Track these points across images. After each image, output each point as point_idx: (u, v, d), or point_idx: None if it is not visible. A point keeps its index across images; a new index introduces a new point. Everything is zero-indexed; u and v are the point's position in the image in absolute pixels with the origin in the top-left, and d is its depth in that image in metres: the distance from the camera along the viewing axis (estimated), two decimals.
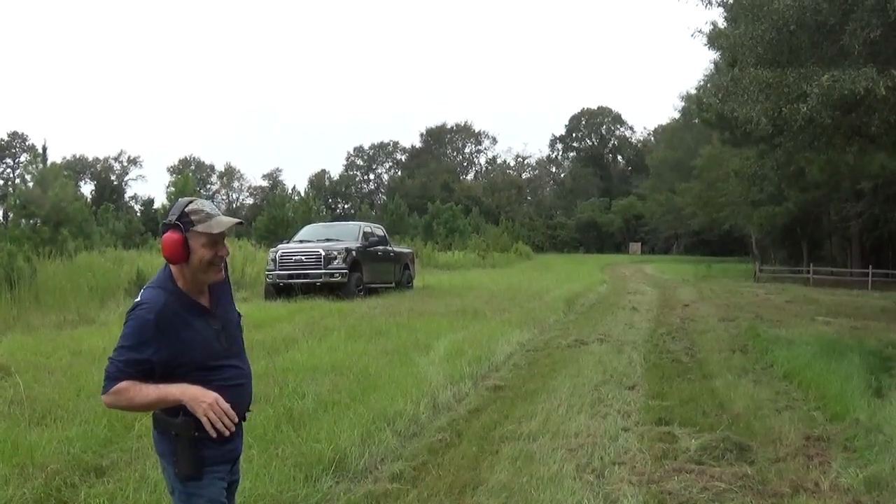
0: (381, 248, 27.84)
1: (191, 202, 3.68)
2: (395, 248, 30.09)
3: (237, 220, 3.86)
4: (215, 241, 3.66)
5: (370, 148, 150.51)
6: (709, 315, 21.73)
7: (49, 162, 37.29)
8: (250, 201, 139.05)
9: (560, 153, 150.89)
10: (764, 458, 7.30)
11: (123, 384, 3.48)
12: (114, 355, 3.54)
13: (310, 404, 8.91)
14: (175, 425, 3.57)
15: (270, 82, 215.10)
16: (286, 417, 8.22)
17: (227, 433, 3.52)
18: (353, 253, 24.86)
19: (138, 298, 3.61)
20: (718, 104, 19.40)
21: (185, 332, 3.58)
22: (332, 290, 23.74)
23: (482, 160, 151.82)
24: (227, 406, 3.52)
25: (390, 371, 11.13)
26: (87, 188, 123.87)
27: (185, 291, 3.67)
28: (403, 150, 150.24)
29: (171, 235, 3.59)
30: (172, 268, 3.67)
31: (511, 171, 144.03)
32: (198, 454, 3.61)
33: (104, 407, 4.07)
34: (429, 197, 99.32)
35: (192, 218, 3.62)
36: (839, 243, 57.17)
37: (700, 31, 28.63)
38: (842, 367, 11.31)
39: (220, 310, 3.87)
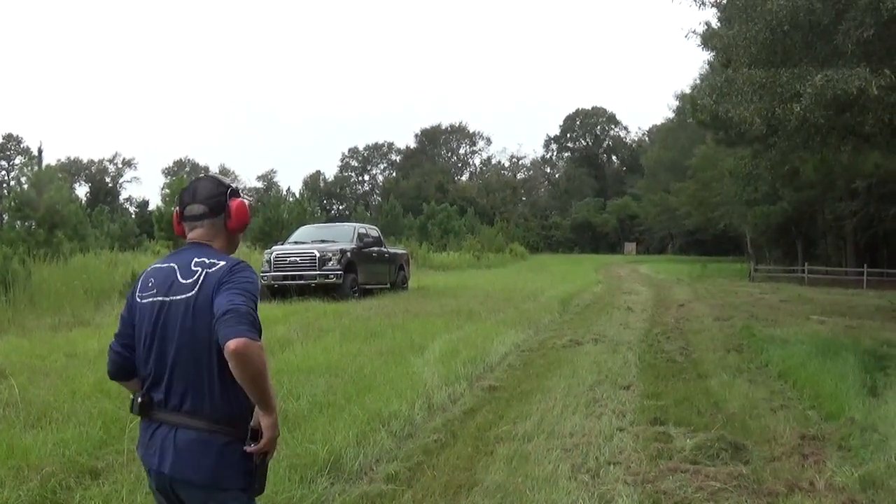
0: (375, 249, 27.84)
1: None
2: (389, 250, 30.08)
3: None
4: None
5: (365, 149, 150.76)
6: (704, 315, 21.74)
7: (44, 164, 37.29)
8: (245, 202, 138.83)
9: (554, 153, 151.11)
10: (759, 458, 7.31)
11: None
12: (248, 304, 3.24)
13: (305, 405, 8.91)
14: (243, 437, 3.39)
15: (265, 84, 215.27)
16: (281, 419, 8.08)
17: None
18: (348, 254, 24.85)
19: (219, 262, 3.41)
20: (713, 105, 19.41)
21: None
22: (327, 291, 23.73)
23: (477, 161, 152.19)
24: None
25: (385, 372, 11.13)
26: (82, 190, 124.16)
27: None
28: (398, 151, 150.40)
29: (242, 201, 3.60)
30: (213, 245, 3.56)
31: (506, 172, 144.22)
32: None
33: (99, 409, 3.86)
34: (424, 198, 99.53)
35: (238, 189, 3.65)
36: (834, 242, 57.22)
37: (694, 32, 28.89)
38: (837, 367, 11.33)
39: None
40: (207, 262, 3.41)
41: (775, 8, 16.24)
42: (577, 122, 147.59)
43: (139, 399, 3.41)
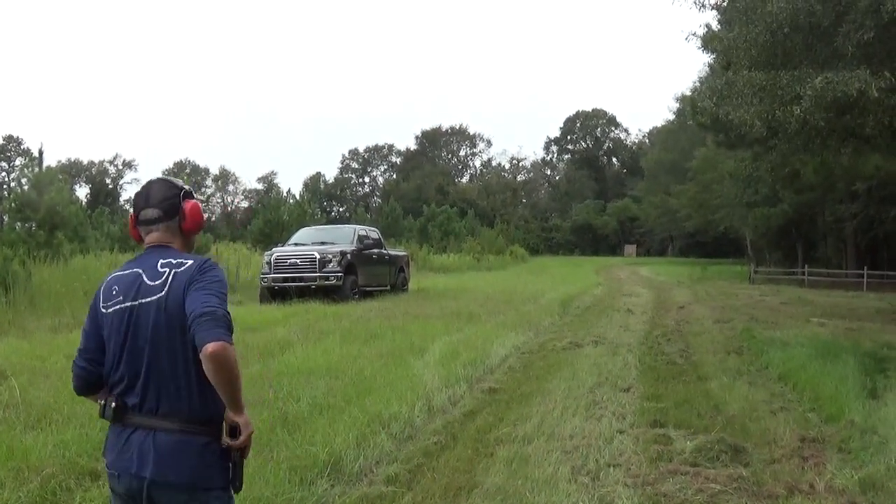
0: (376, 251, 27.83)
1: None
2: (390, 251, 30.10)
3: None
4: None
5: (365, 151, 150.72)
6: (704, 317, 21.75)
7: (44, 165, 37.24)
8: (245, 204, 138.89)
9: (555, 155, 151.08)
10: (759, 460, 7.31)
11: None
12: (222, 305, 3.28)
13: (305, 407, 8.90)
14: (219, 436, 3.40)
15: (265, 85, 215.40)
16: (281, 421, 8.22)
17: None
18: (348, 256, 24.86)
19: (187, 261, 3.44)
20: (713, 107, 19.42)
21: None
22: (327, 293, 23.72)
23: (477, 163, 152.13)
24: None
25: (385, 374, 11.13)
26: (83, 192, 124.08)
27: None
28: (398, 153, 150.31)
29: (196, 203, 3.61)
30: (175, 246, 3.58)
31: (506, 174, 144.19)
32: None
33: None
34: (424, 200, 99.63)
35: (191, 190, 3.67)
36: (834, 244, 57.22)
37: (694, 34, 28.91)
38: (837, 369, 11.32)
39: None
40: (174, 261, 3.42)
41: (775, 10, 16.24)
42: (578, 124, 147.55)
43: (112, 404, 3.38)
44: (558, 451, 7.62)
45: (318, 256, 24.21)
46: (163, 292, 3.33)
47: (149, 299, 3.35)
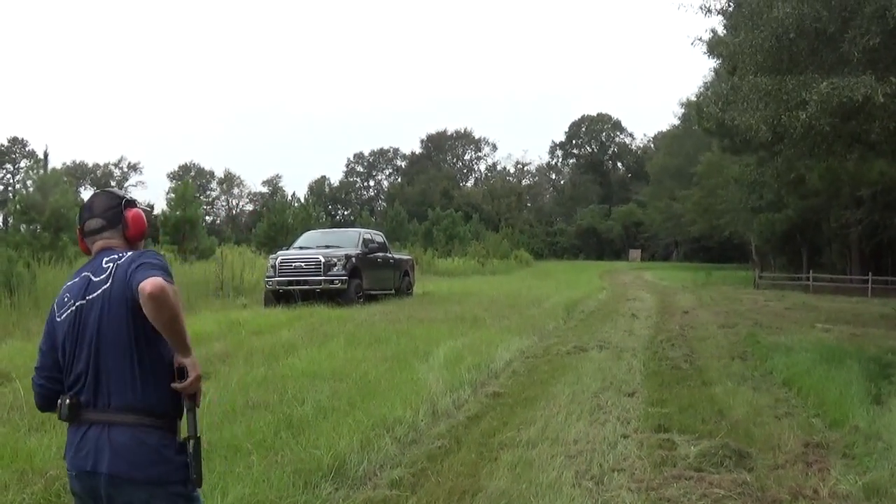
0: (380, 254, 27.82)
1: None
2: (394, 255, 30.08)
3: None
4: None
5: (370, 154, 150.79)
6: (708, 322, 21.73)
7: (49, 168, 37.38)
8: (250, 207, 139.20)
9: (560, 160, 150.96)
10: (763, 465, 7.31)
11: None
12: (161, 268, 3.35)
13: (309, 411, 8.91)
14: (176, 428, 3.45)
15: (270, 88, 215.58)
16: (286, 424, 8.23)
17: None
18: (353, 259, 24.85)
19: (130, 252, 3.55)
20: (718, 112, 19.40)
21: None
22: (332, 296, 23.72)
23: (482, 167, 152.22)
24: None
25: (390, 378, 11.13)
26: (88, 194, 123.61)
27: None
28: (403, 157, 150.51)
29: (137, 211, 3.68)
30: (121, 249, 3.63)
31: (511, 178, 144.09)
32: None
33: None
34: (428, 203, 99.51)
35: (134, 200, 3.76)
36: (839, 250, 57.14)
37: (700, 39, 28.75)
38: (841, 374, 11.32)
39: None
40: (117, 255, 3.51)
41: (781, 15, 16.24)
42: (583, 129, 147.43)
43: (67, 402, 3.40)
44: (562, 455, 7.62)
45: (322, 260, 24.20)
46: (107, 284, 3.40)
47: (95, 294, 3.42)
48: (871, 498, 6.44)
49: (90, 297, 3.43)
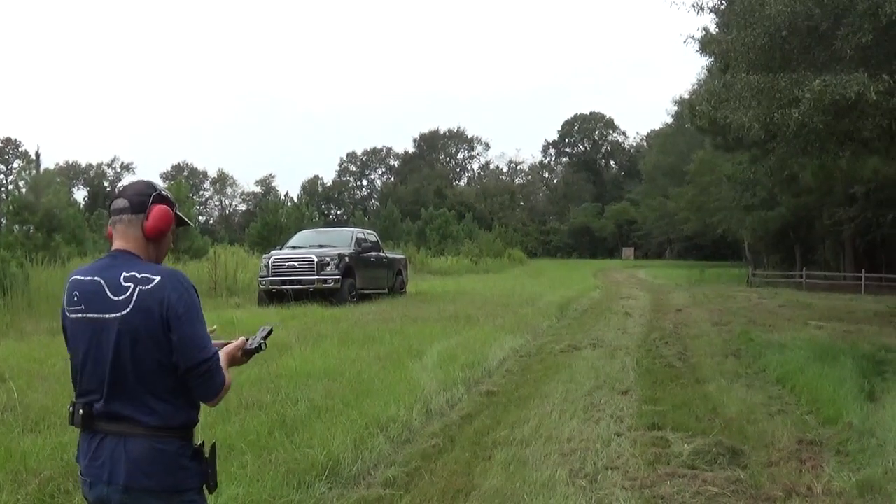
0: (373, 254, 27.86)
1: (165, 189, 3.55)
2: (388, 254, 30.12)
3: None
4: (177, 227, 3.58)
5: (363, 154, 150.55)
6: (702, 320, 21.75)
7: (42, 168, 37.39)
8: (243, 207, 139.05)
9: (553, 158, 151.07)
10: (757, 463, 7.32)
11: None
12: (205, 351, 3.26)
13: (303, 410, 8.91)
14: (192, 436, 3.38)
15: (263, 88, 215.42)
16: (279, 423, 8.23)
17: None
18: (346, 259, 24.86)
19: (155, 278, 3.27)
20: (711, 110, 19.43)
21: None
22: (325, 296, 23.73)
23: (475, 166, 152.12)
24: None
25: (383, 377, 11.13)
26: (81, 194, 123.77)
27: None
28: (396, 156, 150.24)
29: (165, 208, 3.42)
30: (137, 252, 3.40)
31: (504, 177, 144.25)
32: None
33: None
34: (422, 203, 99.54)
35: (174, 200, 3.54)
36: (832, 247, 57.16)
37: (692, 37, 28.83)
38: (835, 372, 11.34)
39: None
40: (139, 276, 3.28)
41: (774, 13, 16.25)
42: (576, 127, 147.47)
43: (80, 411, 3.31)
44: (556, 453, 7.63)
45: (316, 259, 24.21)
46: (127, 310, 3.23)
47: (112, 315, 3.25)
48: (864, 494, 6.45)
49: (106, 315, 3.26)
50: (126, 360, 3.23)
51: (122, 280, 3.27)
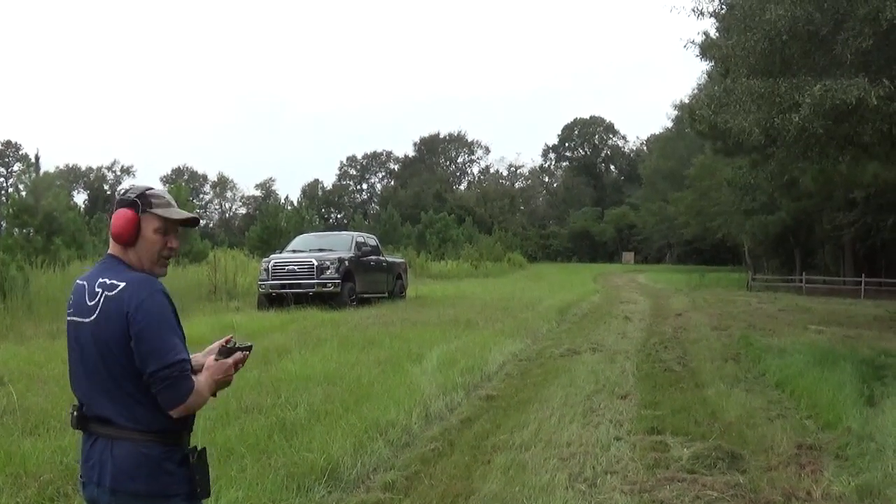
0: (373, 258, 27.87)
1: (151, 188, 3.48)
2: (387, 258, 30.14)
3: (194, 215, 3.54)
4: (168, 229, 3.43)
5: (363, 157, 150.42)
6: (701, 324, 21.73)
7: (42, 171, 37.34)
8: (243, 211, 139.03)
9: (553, 163, 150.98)
10: (756, 467, 7.32)
11: (195, 381, 3.25)
12: (164, 359, 3.17)
13: (302, 414, 8.91)
14: (182, 442, 3.37)
15: (264, 92, 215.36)
16: (279, 427, 8.23)
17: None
18: (346, 263, 24.87)
19: (120, 284, 3.27)
20: (711, 115, 19.43)
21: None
22: (325, 300, 23.73)
23: (475, 170, 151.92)
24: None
25: (383, 381, 11.14)
26: (81, 197, 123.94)
27: None
28: (396, 160, 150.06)
29: (125, 212, 3.36)
30: (121, 256, 3.40)
31: (504, 181, 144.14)
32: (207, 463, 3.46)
33: None
34: (422, 207, 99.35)
35: (153, 200, 3.41)
36: (832, 252, 57.23)
37: (692, 42, 28.73)
38: (834, 376, 11.34)
39: None
40: (108, 282, 3.30)
41: (774, 18, 16.26)
42: (576, 132, 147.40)
43: (74, 413, 3.37)
44: (555, 458, 7.63)
45: (315, 263, 24.21)
46: (93, 316, 3.28)
47: (87, 320, 3.30)
48: (864, 499, 6.46)
49: (83, 319, 3.32)
50: (100, 364, 3.27)
51: (96, 286, 3.32)
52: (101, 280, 3.32)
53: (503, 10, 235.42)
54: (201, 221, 3.74)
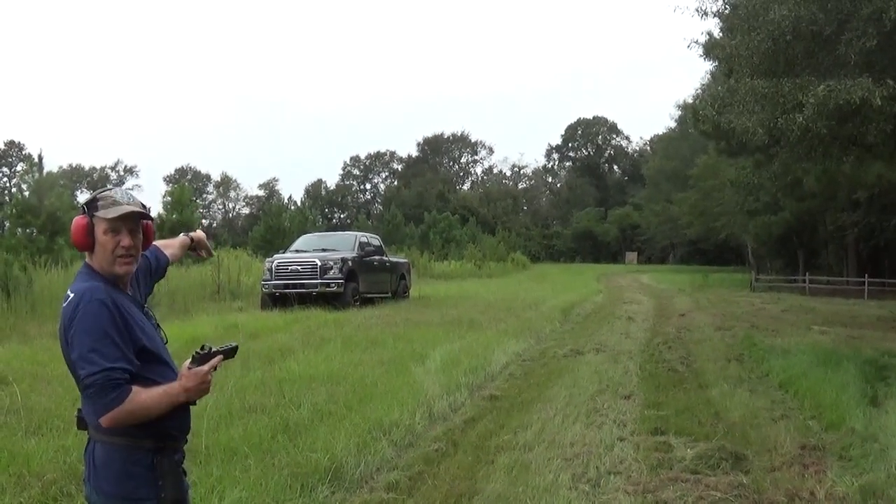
0: (377, 258, 27.88)
1: (105, 190, 3.53)
2: (391, 258, 30.15)
3: (133, 209, 3.48)
4: (114, 227, 3.41)
5: (367, 157, 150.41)
6: (705, 324, 21.72)
7: (45, 171, 37.30)
8: (246, 211, 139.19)
9: (556, 163, 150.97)
10: (759, 468, 7.31)
11: (132, 391, 3.17)
12: (88, 366, 3.17)
13: (306, 414, 8.91)
14: (153, 447, 3.33)
15: (267, 92, 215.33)
16: (282, 427, 8.23)
17: None
18: (349, 263, 24.87)
19: (70, 295, 3.33)
20: (715, 115, 19.42)
21: (134, 318, 3.38)
22: (328, 300, 23.72)
23: (478, 170, 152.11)
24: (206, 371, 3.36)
25: (386, 381, 11.14)
26: (84, 197, 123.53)
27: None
28: (400, 160, 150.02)
29: (78, 219, 3.44)
30: (90, 262, 3.45)
31: (507, 181, 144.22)
32: (180, 470, 3.45)
33: None
34: (425, 207, 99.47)
35: (98, 203, 3.44)
36: (835, 252, 57.19)
37: (696, 42, 28.82)
38: (838, 377, 11.34)
39: (145, 306, 3.68)
40: (67, 293, 3.38)
41: (778, 18, 16.25)
42: (579, 132, 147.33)
43: (76, 415, 3.44)
44: (559, 458, 7.63)
45: (319, 263, 24.21)
46: (60, 321, 3.38)
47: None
48: (867, 500, 6.44)
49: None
50: (70, 368, 3.36)
51: (69, 290, 3.41)
52: (71, 286, 3.41)
53: (507, 9, 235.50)
54: (148, 209, 3.67)
